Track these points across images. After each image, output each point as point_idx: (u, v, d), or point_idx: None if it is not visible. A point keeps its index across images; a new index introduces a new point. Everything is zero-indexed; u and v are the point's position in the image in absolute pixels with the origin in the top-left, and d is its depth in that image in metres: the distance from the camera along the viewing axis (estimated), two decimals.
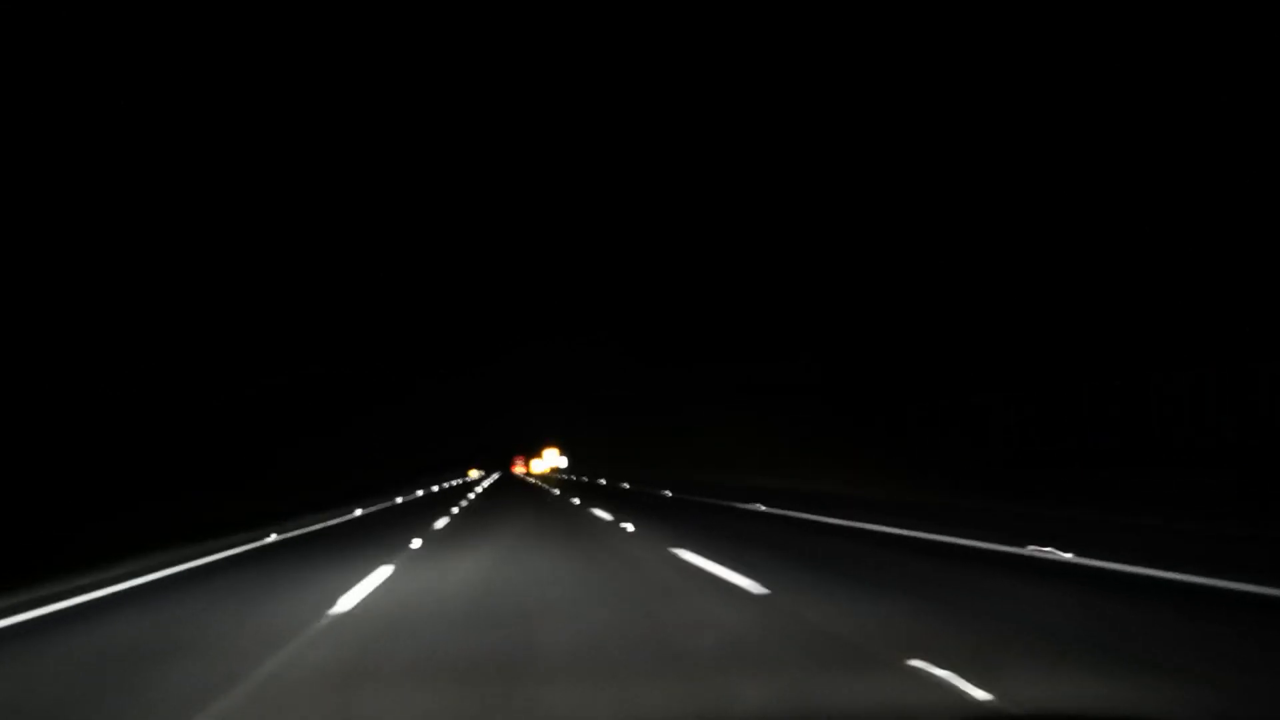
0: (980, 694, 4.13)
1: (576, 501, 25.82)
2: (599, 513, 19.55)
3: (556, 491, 35.22)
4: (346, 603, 7.93)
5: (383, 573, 10.02)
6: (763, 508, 18.82)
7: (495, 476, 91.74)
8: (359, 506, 29.59)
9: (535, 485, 49.57)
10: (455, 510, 24.80)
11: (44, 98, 25.93)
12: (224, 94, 36.48)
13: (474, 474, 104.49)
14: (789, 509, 17.68)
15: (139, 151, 30.82)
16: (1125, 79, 18.48)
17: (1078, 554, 8.66)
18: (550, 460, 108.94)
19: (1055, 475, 17.23)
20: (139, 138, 30.80)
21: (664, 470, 44.83)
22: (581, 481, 50.28)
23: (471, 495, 36.87)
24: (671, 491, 28.75)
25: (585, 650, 5.57)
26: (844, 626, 5.90)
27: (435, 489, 50.87)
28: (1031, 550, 9.22)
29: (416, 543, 13.96)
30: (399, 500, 35.32)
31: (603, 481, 46.72)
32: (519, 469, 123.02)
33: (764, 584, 7.67)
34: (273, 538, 17.75)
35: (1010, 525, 11.74)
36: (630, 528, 15.04)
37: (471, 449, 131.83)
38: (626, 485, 38.60)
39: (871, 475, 23.05)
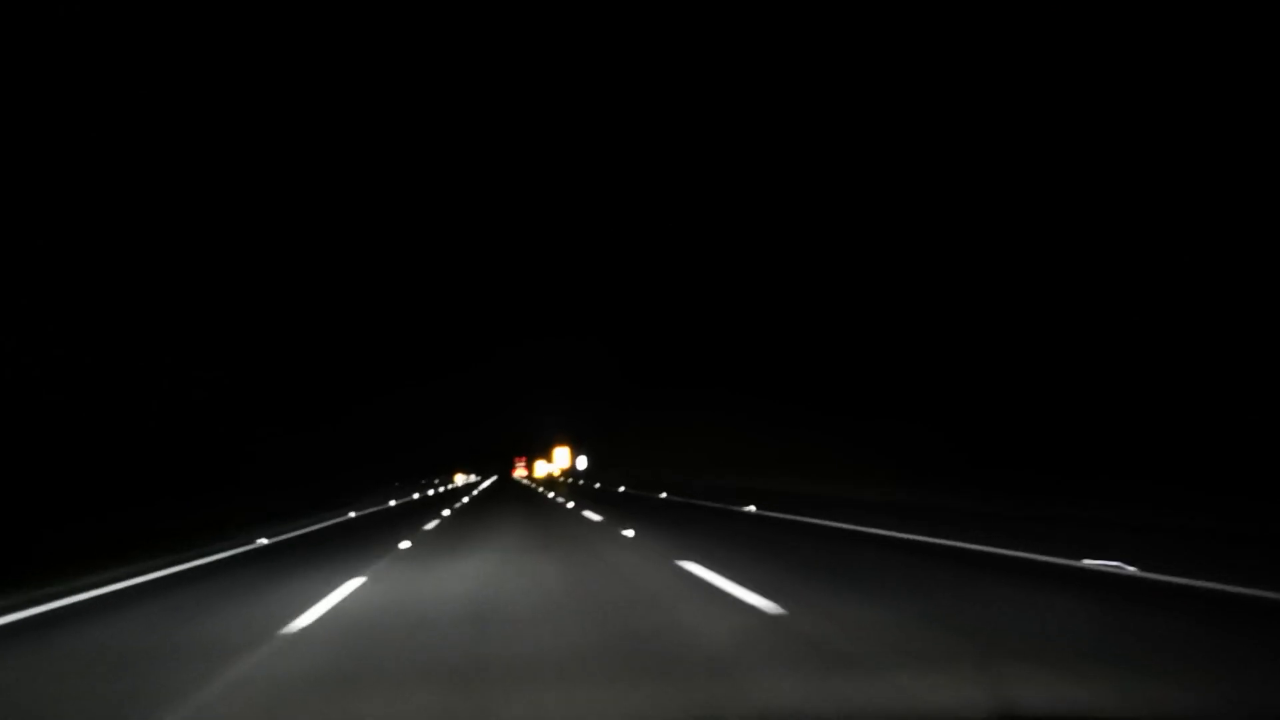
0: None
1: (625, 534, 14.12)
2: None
3: (592, 517, 19.16)
4: None
5: None
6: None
7: (490, 482, 78.03)
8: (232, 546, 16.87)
9: (550, 499, 31.75)
10: (406, 545, 14.28)
11: (27, 100, 25.33)
12: (213, 95, 35.96)
13: (461, 479, 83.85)
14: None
15: (109, 148, 30.17)
16: (1120, 87, 18.06)
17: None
18: (561, 461, 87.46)
19: (1037, 479, 16.76)
20: (113, 134, 30.18)
21: (704, 474, 36.26)
22: (603, 491, 37.37)
23: (444, 515, 23.87)
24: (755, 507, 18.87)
25: None
26: None
27: (393, 502, 37.95)
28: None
29: None
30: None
31: (623, 489, 36.87)
32: (520, 473, 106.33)
33: None
34: None
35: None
36: None
37: (463, 451, 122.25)
38: (663, 495, 28.73)
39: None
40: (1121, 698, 4.06)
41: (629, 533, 14.22)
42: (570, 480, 64.84)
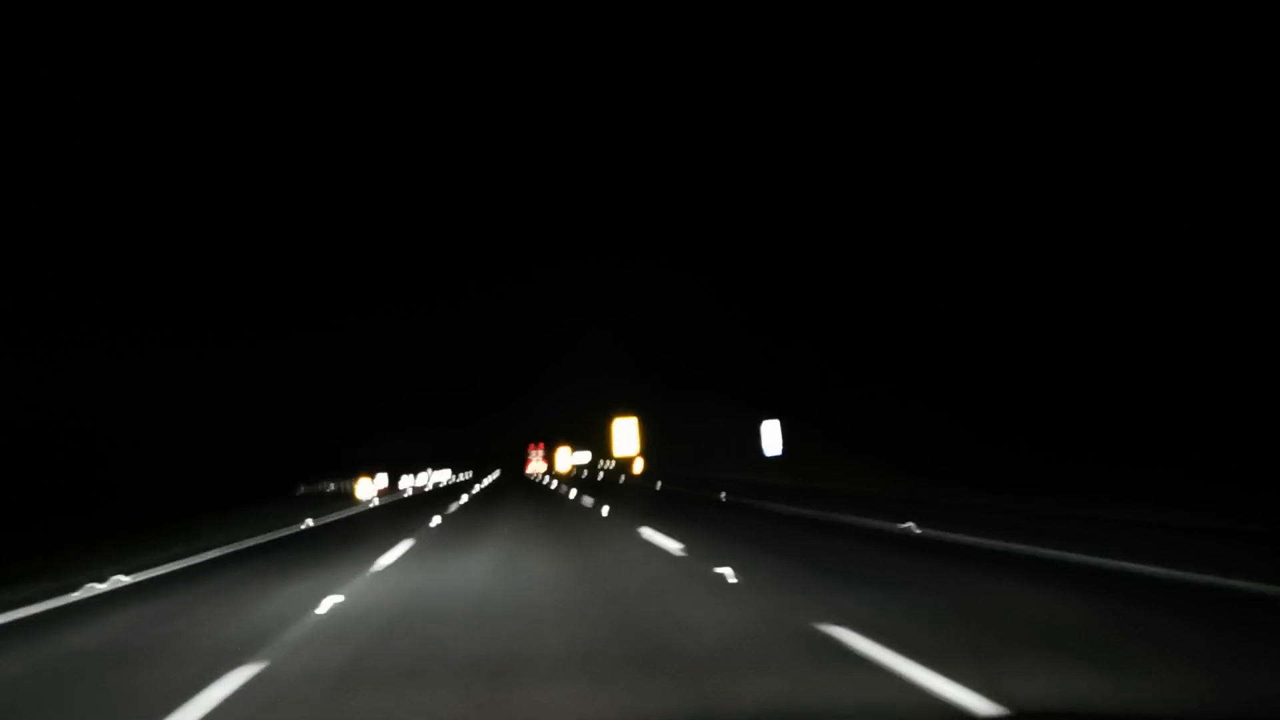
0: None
1: None
2: None
3: None
4: None
5: None
6: None
7: (481, 487, 51.52)
8: None
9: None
10: None
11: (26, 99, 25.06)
12: (210, 89, 35.71)
13: (371, 490, 45.94)
14: None
15: (106, 147, 30.01)
16: (1126, 83, 18.04)
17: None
18: (625, 446, 50.31)
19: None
20: (108, 130, 30.06)
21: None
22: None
23: None
24: None
25: None
26: None
27: None
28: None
29: None
30: None
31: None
32: (537, 467, 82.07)
33: None
34: None
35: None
36: None
37: (462, 451, 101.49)
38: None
39: None
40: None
41: None
42: (648, 482, 38.08)
